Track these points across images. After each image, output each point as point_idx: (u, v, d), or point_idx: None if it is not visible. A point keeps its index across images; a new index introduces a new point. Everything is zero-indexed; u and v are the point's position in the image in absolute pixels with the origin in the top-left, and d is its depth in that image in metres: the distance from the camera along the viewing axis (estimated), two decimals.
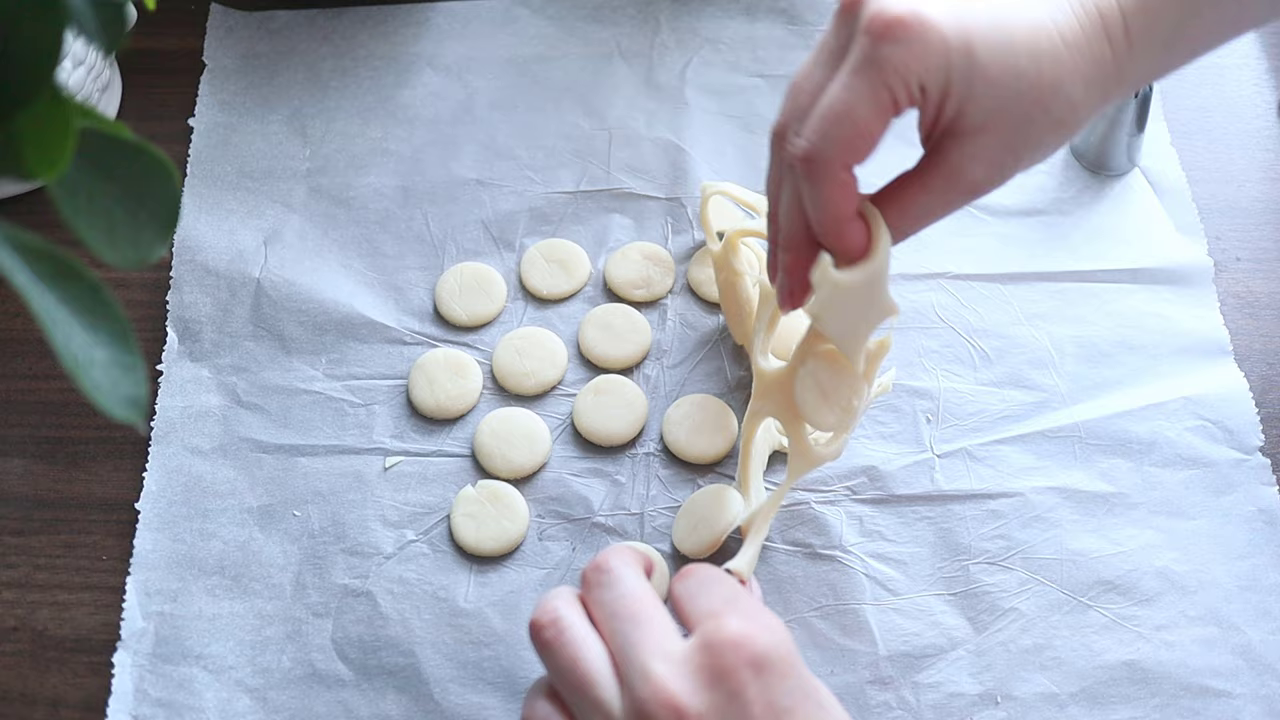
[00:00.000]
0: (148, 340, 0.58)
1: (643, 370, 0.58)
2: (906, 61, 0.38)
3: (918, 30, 0.38)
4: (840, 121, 0.39)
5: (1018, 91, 0.40)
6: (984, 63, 0.39)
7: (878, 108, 0.39)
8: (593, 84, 0.67)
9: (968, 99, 0.39)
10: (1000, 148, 0.41)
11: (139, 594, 0.52)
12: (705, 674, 0.37)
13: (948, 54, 0.38)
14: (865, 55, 0.39)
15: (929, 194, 0.42)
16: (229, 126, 0.65)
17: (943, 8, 0.39)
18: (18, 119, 0.28)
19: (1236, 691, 0.49)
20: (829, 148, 0.39)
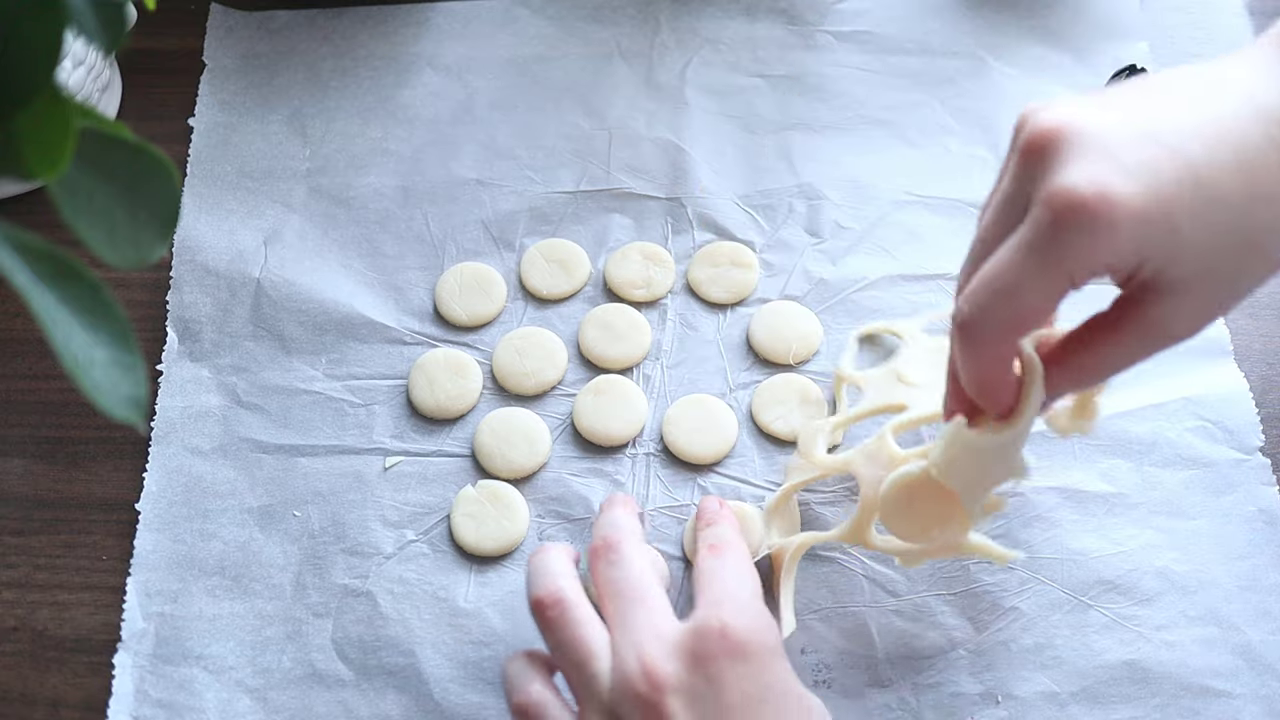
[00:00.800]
0: (148, 340, 0.58)
1: (643, 370, 0.58)
2: (1090, 251, 0.34)
3: (1105, 217, 0.34)
4: (1004, 298, 0.36)
5: (1229, 246, 0.35)
6: (1188, 231, 0.35)
7: (1049, 292, 0.36)
8: (593, 84, 0.67)
9: (1170, 263, 0.35)
10: (1209, 301, 0.37)
11: (139, 594, 0.52)
12: (689, 657, 0.40)
13: (1143, 235, 0.34)
14: (1042, 236, 0.35)
15: (1123, 345, 0.38)
16: (229, 126, 0.65)
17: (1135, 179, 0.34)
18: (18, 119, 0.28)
19: (1237, 691, 0.49)
20: (987, 321, 0.37)
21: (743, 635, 0.40)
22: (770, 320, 0.58)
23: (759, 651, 0.40)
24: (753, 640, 0.40)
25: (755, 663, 0.40)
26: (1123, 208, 0.34)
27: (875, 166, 0.63)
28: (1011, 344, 0.38)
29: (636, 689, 0.40)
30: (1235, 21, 0.69)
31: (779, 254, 0.61)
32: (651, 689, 0.39)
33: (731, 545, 0.46)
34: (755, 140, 0.64)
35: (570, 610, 0.43)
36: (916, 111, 0.65)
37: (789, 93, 0.66)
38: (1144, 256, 0.35)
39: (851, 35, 0.68)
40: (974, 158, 0.63)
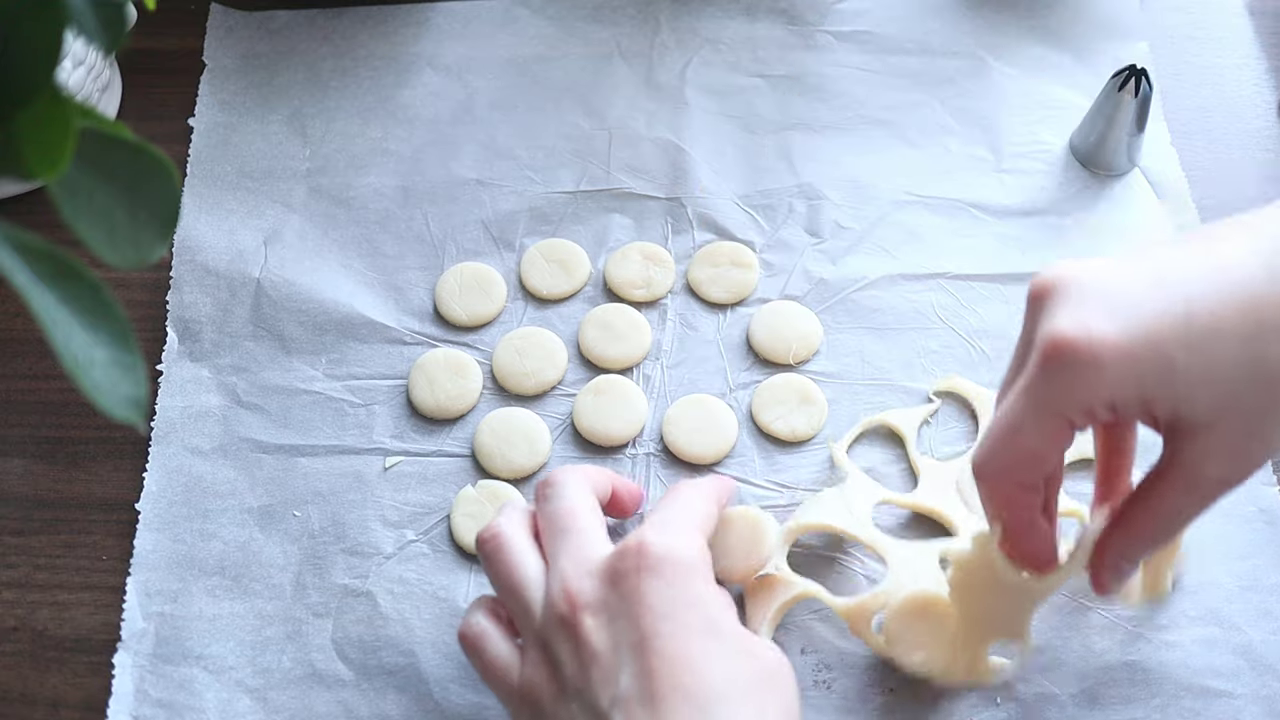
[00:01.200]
0: (148, 340, 0.58)
1: (643, 370, 0.58)
2: (1080, 390, 0.36)
3: (1088, 356, 0.35)
4: (1005, 441, 0.38)
5: (1241, 379, 0.36)
6: (1186, 365, 0.35)
7: (1047, 435, 0.37)
8: (593, 84, 0.67)
9: (1181, 401, 0.36)
10: (1241, 438, 0.37)
11: (139, 594, 0.52)
12: (608, 575, 0.41)
13: (1134, 371, 0.35)
14: (1035, 379, 0.37)
15: (1169, 496, 0.39)
16: (229, 126, 0.65)
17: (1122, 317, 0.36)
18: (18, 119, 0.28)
19: (1237, 692, 0.49)
20: (993, 464, 0.39)
21: (659, 551, 0.41)
22: (770, 320, 0.58)
23: (674, 567, 0.41)
24: (668, 556, 0.41)
25: (668, 578, 0.40)
26: (1105, 344, 0.35)
27: (875, 166, 0.63)
28: (1021, 487, 0.39)
29: (558, 610, 0.41)
30: (1235, 21, 0.69)
31: (779, 254, 0.61)
32: (570, 608, 0.41)
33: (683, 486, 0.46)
34: (755, 140, 0.64)
35: (506, 543, 0.44)
36: (916, 111, 0.65)
37: (789, 93, 0.66)
38: (1146, 394, 0.36)
39: (851, 35, 0.68)
40: (974, 158, 0.63)
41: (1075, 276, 0.38)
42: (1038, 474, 0.39)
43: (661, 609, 0.40)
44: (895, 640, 0.48)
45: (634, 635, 0.39)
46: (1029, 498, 0.40)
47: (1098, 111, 0.61)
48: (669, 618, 0.40)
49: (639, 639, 0.39)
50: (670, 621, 0.40)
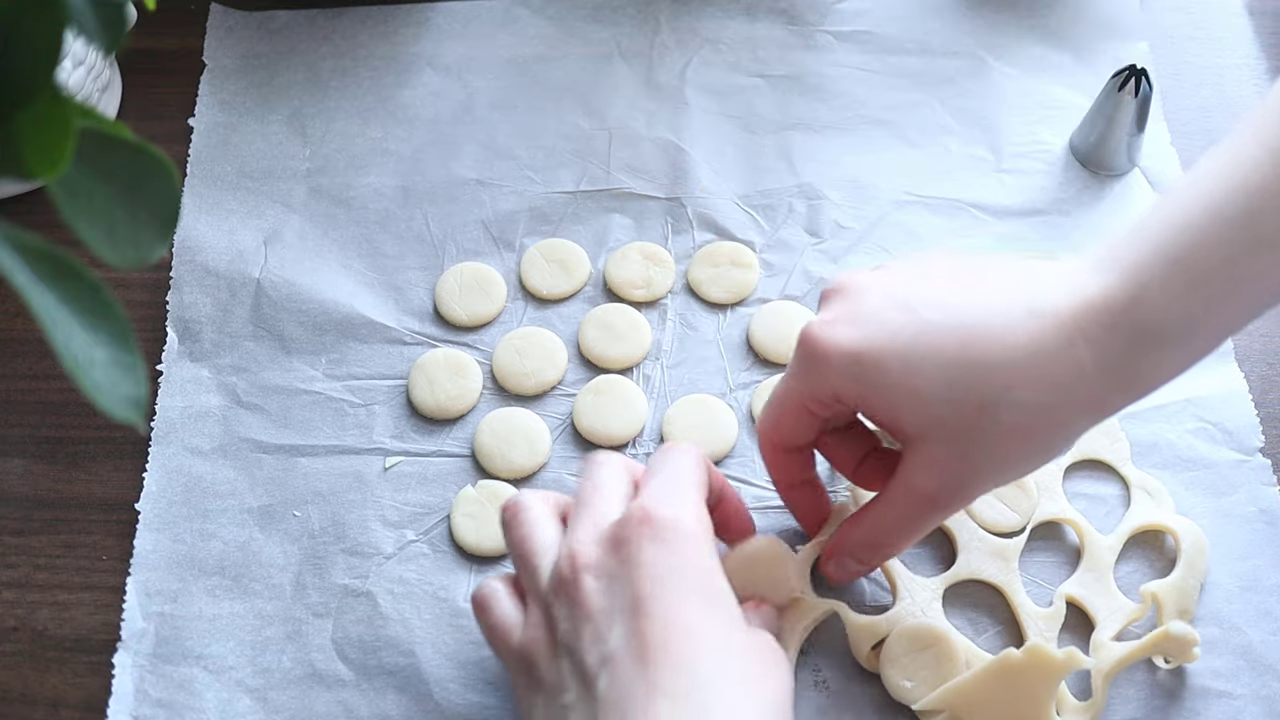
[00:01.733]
0: (148, 340, 0.58)
1: (643, 370, 0.58)
2: (813, 378, 0.43)
3: (818, 352, 0.42)
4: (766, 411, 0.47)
5: (950, 400, 0.40)
6: (899, 378, 0.41)
7: (794, 410, 0.45)
8: (593, 84, 0.67)
9: (895, 410, 0.42)
10: (949, 457, 0.42)
11: (139, 594, 0.52)
12: (612, 541, 0.42)
13: (855, 372, 0.42)
14: (791, 365, 0.45)
15: (889, 503, 0.44)
16: (229, 126, 0.65)
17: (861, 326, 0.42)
18: (18, 119, 0.28)
19: (1237, 692, 0.49)
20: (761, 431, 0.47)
21: (662, 518, 0.41)
22: (770, 320, 0.58)
23: (676, 535, 0.41)
24: (671, 523, 0.41)
25: (671, 545, 0.41)
26: (833, 344, 0.42)
27: (875, 166, 0.63)
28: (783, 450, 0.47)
29: (562, 571, 0.42)
30: (1235, 21, 0.69)
31: (779, 254, 0.61)
32: (572, 570, 0.41)
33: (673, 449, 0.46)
34: (755, 140, 0.64)
35: (522, 510, 0.45)
36: (916, 111, 0.65)
37: (789, 93, 0.66)
38: (865, 396, 0.42)
39: (851, 35, 0.68)
40: (974, 158, 0.63)
41: (845, 285, 0.44)
42: (793, 442, 0.46)
43: (659, 574, 0.40)
44: (891, 661, 0.48)
45: (629, 597, 0.40)
46: (788, 460, 0.47)
47: (1098, 111, 0.61)
48: (665, 582, 0.40)
49: (633, 600, 0.39)
50: (666, 586, 0.40)
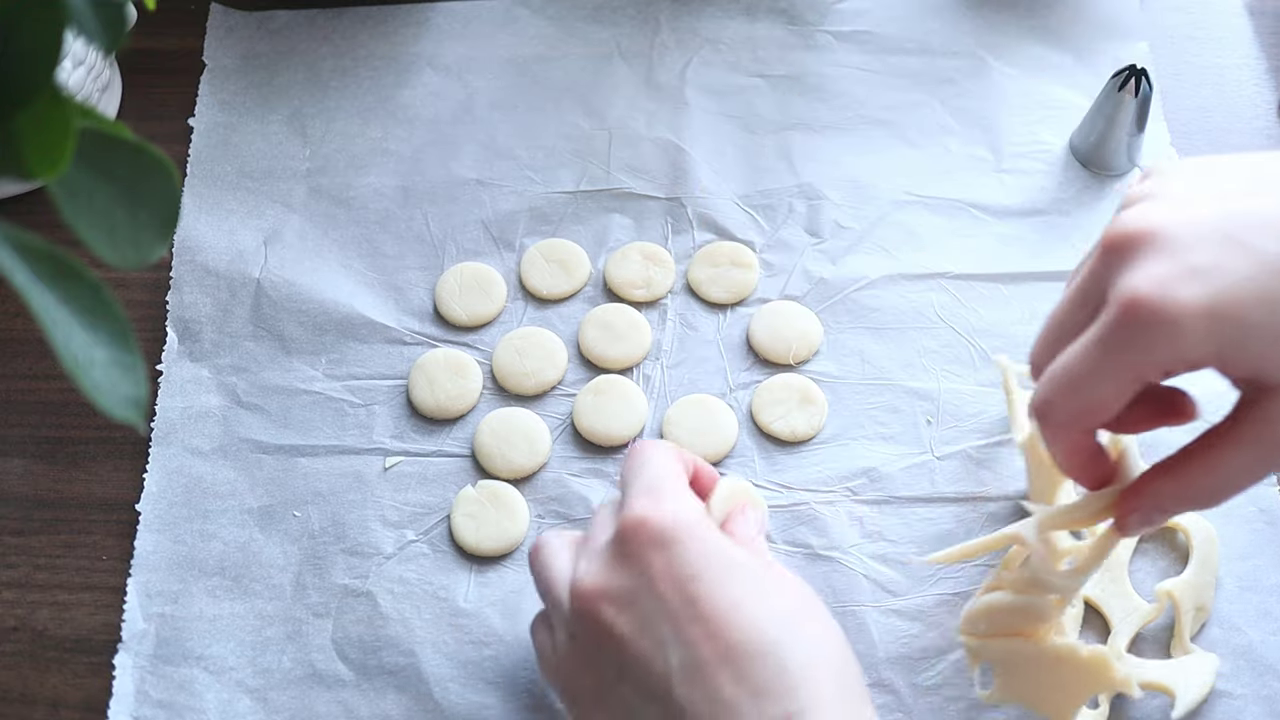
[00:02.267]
0: (148, 340, 0.58)
1: (643, 370, 0.58)
2: (1154, 349, 0.36)
3: (1166, 317, 0.35)
4: (1074, 390, 0.38)
5: None
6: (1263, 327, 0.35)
7: (1117, 387, 0.37)
8: (593, 84, 0.67)
9: (1257, 362, 0.36)
10: None
11: (140, 595, 0.52)
12: (618, 559, 0.40)
13: (1213, 332, 0.35)
14: (1110, 334, 0.37)
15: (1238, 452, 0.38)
16: (229, 126, 0.65)
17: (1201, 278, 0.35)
18: (18, 119, 0.28)
19: (1237, 692, 0.49)
20: (1058, 413, 0.39)
21: (659, 520, 0.40)
22: (770, 320, 0.58)
23: (684, 528, 0.40)
24: (673, 524, 0.40)
25: (682, 543, 0.40)
26: (1183, 307, 0.35)
27: (875, 166, 0.63)
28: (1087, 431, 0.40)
29: (576, 605, 0.41)
30: (1235, 21, 0.69)
31: (779, 254, 0.61)
32: (585, 601, 0.40)
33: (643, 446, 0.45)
34: (755, 140, 0.64)
35: (543, 548, 0.45)
36: (916, 111, 0.65)
37: (789, 93, 0.66)
38: (1224, 356, 0.36)
39: (851, 35, 0.68)
40: (974, 158, 0.63)
41: (1156, 230, 0.37)
42: (1102, 423, 0.39)
43: (684, 577, 0.39)
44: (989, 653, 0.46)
45: (667, 610, 0.39)
46: (1090, 440, 0.41)
47: (1098, 111, 0.61)
48: (694, 580, 0.39)
49: (673, 612, 0.39)
50: (696, 584, 0.39)
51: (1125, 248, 0.37)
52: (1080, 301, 0.39)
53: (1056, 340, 0.40)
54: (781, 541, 0.53)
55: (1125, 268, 0.37)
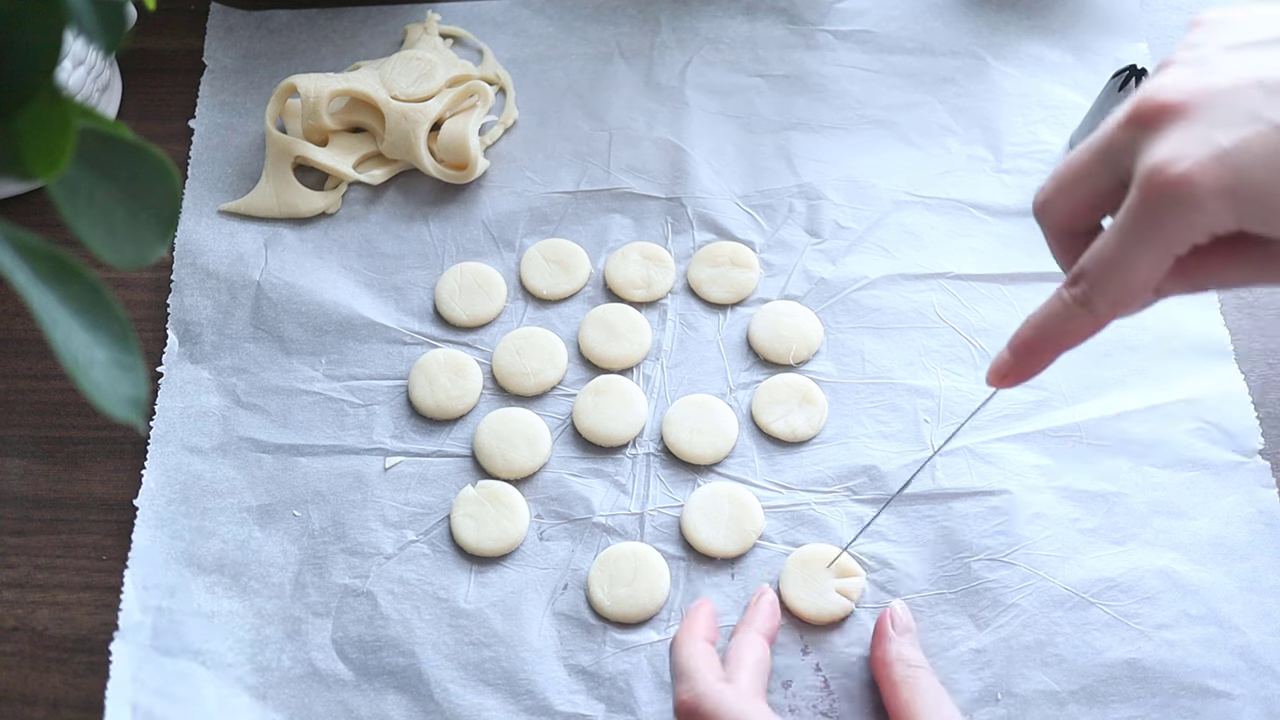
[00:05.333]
0: (148, 341, 0.58)
1: (643, 370, 0.58)
2: (1183, 226, 0.37)
3: (1191, 196, 0.36)
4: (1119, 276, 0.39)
5: None
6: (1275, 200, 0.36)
7: (1157, 265, 0.38)
8: (593, 84, 0.67)
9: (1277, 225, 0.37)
10: None
11: (136, 588, 0.52)
12: None
13: (1236, 207, 0.36)
14: (1139, 216, 0.38)
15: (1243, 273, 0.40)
16: (229, 127, 0.65)
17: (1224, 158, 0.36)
18: (18, 119, 0.28)
19: (1236, 692, 0.49)
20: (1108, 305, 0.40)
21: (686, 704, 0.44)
22: (770, 320, 0.58)
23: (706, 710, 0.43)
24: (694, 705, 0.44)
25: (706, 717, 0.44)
26: (1207, 186, 0.36)
27: (875, 166, 0.63)
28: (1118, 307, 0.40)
29: None
30: None
31: (779, 254, 0.61)
32: None
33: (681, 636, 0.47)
34: (755, 140, 0.64)
35: None
36: (916, 111, 0.65)
37: (789, 93, 0.66)
38: (1244, 223, 0.37)
39: (851, 35, 0.68)
40: (974, 158, 0.63)
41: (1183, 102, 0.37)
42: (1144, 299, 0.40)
43: None
44: None
45: None
46: None
47: (1098, 111, 0.61)
48: None
49: None
50: None
51: (1153, 119, 0.38)
52: (1101, 159, 0.40)
53: (1071, 188, 0.41)
54: (781, 542, 0.53)
55: (1151, 140, 0.38)
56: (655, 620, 0.51)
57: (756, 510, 0.53)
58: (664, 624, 0.51)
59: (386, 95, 0.62)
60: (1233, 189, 0.36)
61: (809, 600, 0.51)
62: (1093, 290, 0.40)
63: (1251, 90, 0.37)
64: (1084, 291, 0.40)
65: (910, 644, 0.49)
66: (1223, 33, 0.40)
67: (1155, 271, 0.38)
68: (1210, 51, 0.39)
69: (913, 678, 0.47)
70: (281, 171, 0.62)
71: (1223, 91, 0.37)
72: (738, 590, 0.52)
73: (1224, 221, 0.37)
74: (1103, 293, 0.40)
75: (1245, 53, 0.39)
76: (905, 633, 0.49)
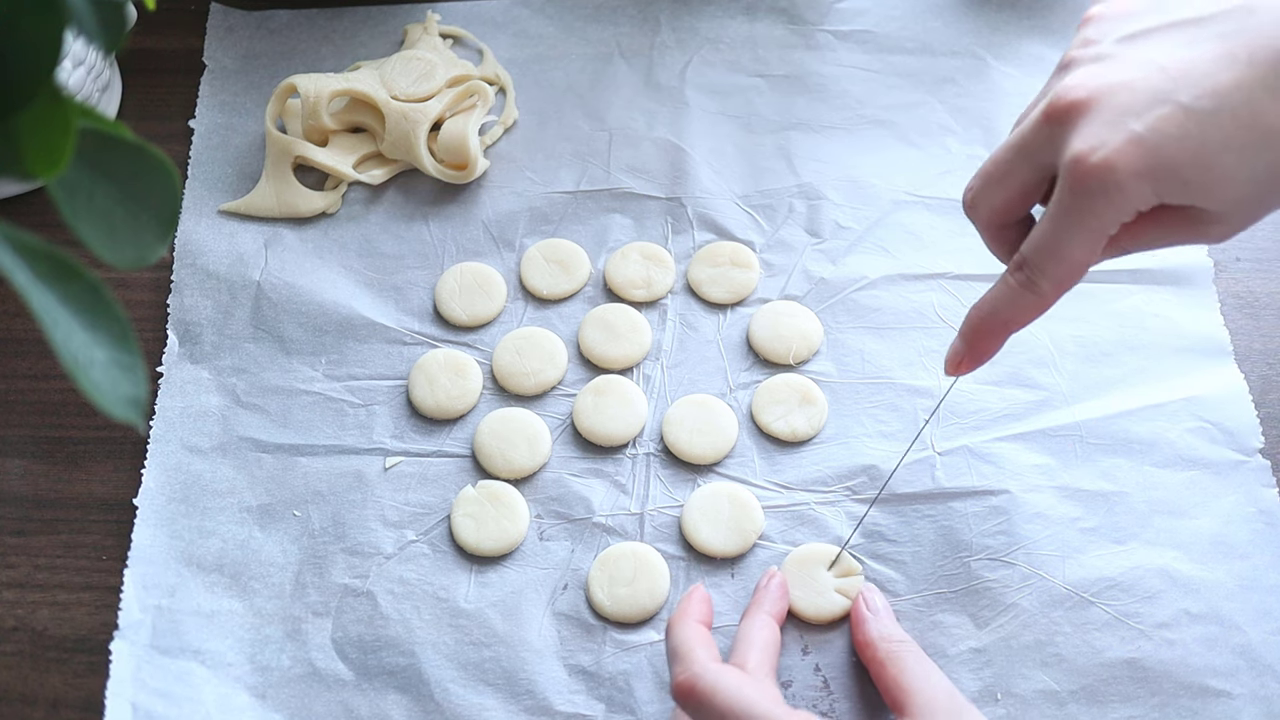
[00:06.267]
0: (148, 341, 0.58)
1: (643, 370, 0.58)
2: (1109, 209, 0.40)
3: (1113, 181, 0.39)
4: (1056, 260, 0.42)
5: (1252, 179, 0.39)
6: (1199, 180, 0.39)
7: (1092, 246, 0.41)
8: (593, 84, 0.67)
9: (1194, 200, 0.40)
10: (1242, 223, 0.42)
11: (136, 587, 0.52)
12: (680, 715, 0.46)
13: (1154, 188, 0.39)
14: (1069, 205, 0.40)
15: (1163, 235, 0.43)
16: (229, 127, 0.65)
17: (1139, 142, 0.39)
18: (18, 119, 0.28)
19: (1236, 692, 0.49)
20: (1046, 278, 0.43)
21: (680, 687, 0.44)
22: (770, 320, 0.58)
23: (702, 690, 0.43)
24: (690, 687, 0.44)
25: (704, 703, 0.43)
26: (1128, 169, 0.39)
27: (875, 166, 0.63)
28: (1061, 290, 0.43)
29: None
30: None
31: (779, 254, 0.61)
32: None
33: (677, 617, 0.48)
34: (755, 140, 0.64)
35: None
36: (916, 111, 0.65)
37: (789, 93, 0.66)
38: (1164, 200, 0.40)
39: (851, 35, 0.68)
40: (974, 158, 0.63)
41: (1096, 97, 0.40)
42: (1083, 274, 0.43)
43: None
44: None
45: None
46: None
47: None
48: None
49: None
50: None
51: (1068, 116, 0.41)
52: (1023, 157, 0.43)
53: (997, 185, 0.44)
54: (781, 542, 0.53)
55: (1069, 134, 0.40)
56: (655, 620, 0.51)
57: (756, 510, 0.53)
58: (664, 624, 0.51)
59: (386, 95, 0.62)
60: (1150, 168, 0.39)
61: (808, 600, 0.51)
62: (1036, 274, 0.43)
63: (1154, 76, 0.40)
64: (1028, 276, 0.43)
65: (889, 621, 0.49)
66: (1115, 26, 0.43)
67: (1091, 251, 0.41)
68: (1108, 46, 0.42)
69: (897, 653, 0.47)
70: (281, 171, 0.62)
71: (1128, 81, 0.40)
72: (738, 590, 0.52)
73: (1146, 198, 0.40)
74: (1046, 275, 0.43)
75: (1140, 41, 0.41)
76: (881, 611, 0.49)
